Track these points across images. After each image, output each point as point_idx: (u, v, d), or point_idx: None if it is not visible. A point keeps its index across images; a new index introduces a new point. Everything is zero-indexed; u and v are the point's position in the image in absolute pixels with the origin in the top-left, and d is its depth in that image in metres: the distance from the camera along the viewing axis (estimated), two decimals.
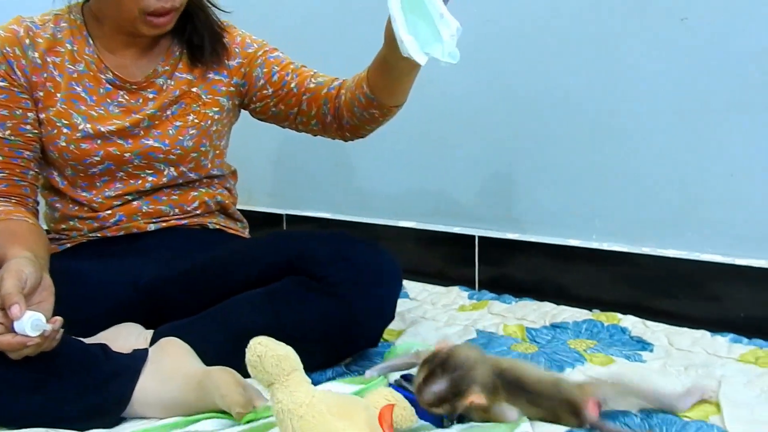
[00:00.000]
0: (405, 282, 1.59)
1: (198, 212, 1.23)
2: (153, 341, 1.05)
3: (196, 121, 1.19)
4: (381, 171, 1.75)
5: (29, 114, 1.09)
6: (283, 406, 0.72)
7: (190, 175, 1.21)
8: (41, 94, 1.10)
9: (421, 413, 0.85)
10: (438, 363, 0.82)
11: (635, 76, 1.33)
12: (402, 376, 0.97)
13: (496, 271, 1.55)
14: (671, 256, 1.31)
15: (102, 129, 1.12)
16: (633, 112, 1.34)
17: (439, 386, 0.81)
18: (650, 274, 1.33)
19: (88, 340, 1.00)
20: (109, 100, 1.14)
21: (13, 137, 1.08)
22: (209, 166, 1.24)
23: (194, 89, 1.19)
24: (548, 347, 1.15)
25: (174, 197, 1.21)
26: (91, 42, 1.14)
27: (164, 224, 1.19)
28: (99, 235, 1.17)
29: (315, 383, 0.77)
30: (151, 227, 1.19)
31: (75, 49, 1.13)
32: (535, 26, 1.44)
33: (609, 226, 1.39)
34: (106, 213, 1.16)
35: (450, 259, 1.62)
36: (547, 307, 1.37)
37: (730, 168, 1.24)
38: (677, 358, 1.09)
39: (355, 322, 1.03)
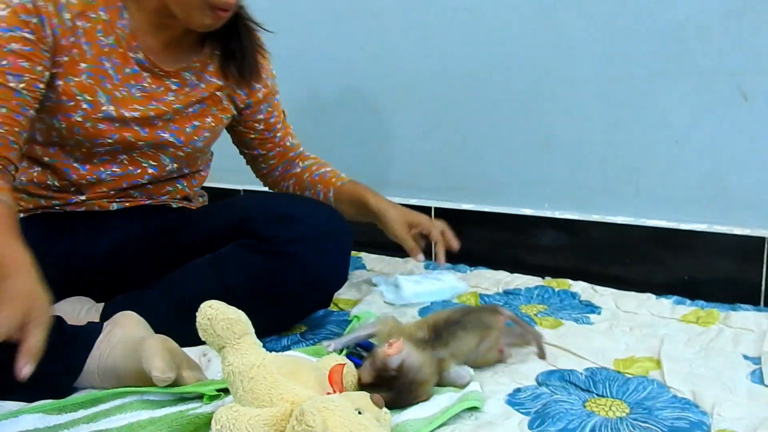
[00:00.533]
0: (363, 254, 1.60)
1: (164, 198, 1.22)
2: (104, 314, 1.05)
3: (213, 124, 1.17)
4: (334, 143, 1.75)
5: (46, 74, 1.00)
6: (234, 368, 0.73)
7: (184, 170, 1.21)
8: (65, 59, 1.01)
9: None
10: (387, 378, 0.80)
11: (574, 44, 1.36)
12: (358, 345, 0.98)
13: None
14: (619, 222, 1.35)
15: (126, 114, 1.07)
16: (572, 80, 1.38)
17: (384, 395, 0.76)
18: (599, 241, 1.37)
19: None
20: (133, 82, 1.08)
21: (25, 92, 0.97)
22: (200, 164, 1.25)
23: (218, 93, 1.17)
24: None
25: (149, 187, 1.18)
26: (125, 15, 1.05)
27: (127, 204, 1.17)
28: (58, 209, 1.13)
29: (270, 351, 0.78)
30: (114, 206, 1.16)
31: (108, 18, 1.04)
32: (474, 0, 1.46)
33: (559, 195, 1.43)
34: (80, 198, 1.12)
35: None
36: (501, 275, 1.40)
37: (674, 135, 1.28)
38: (623, 319, 1.12)
39: (304, 280, 1.03)
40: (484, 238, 1.53)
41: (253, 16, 1.17)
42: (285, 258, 1.02)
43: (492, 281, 1.35)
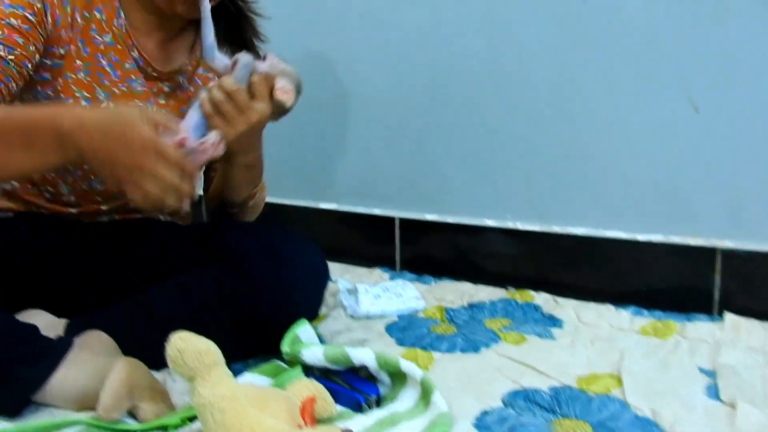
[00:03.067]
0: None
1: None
2: (68, 331, 1.03)
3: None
4: (297, 152, 1.75)
5: (37, 56, 0.98)
6: (204, 400, 0.73)
7: None
8: (62, 51, 1.01)
9: (342, 400, 0.87)
10: None
11: (523, 47, 1.38)
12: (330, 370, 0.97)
13: (416, 251, 1.58)
14: (579, 233, 1.38)
15: None
16: (525, 89, 1.40)
17: None
18: (559, 251, 1.40)
19: None
20: (133, 77, 1.09)
21: (13, 64, 0.94)
22: None
23: None
24: (466, 328, 1.19)
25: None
26: (121, 14, 1.06)
27: (117, 216, 1.16)
28: (44, 211, 1.11)
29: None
30: (104, 218, 1.15)
31: (104, 18, 1.05)
32: (427, 11, 1.47)
33: (518, 206, 1.45)
34: (71, 199, 1.10)
35: (371, 240, 1.65)
36: (465, 286, 1.42)
37: (629, 146, 1.31)
38: (584, 332, 1.15)
39: (273, 302, 1.02)
40: (447, 249, 1.54)
41: (256, 8, 1.18)
42: (254, 281, 1.02)
43: (456, 293, 1.37)
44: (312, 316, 1.11)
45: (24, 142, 0.84)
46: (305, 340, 1.03)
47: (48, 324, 1.05)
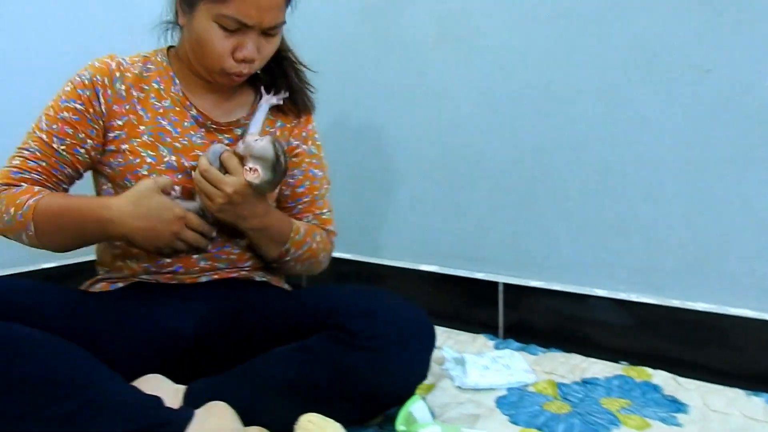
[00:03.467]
0: None
1: (248, 268, 1.25)
2: (187, 396, 1.05)
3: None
4: (399, 212, 1.75)
5: (89, 141, 1.15)
6: None
7: None
8: (120, 123, 1.15)
9: None
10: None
11: (646, 125, 1.35)
12: None
13: (520, 317, 1.54)
14: (700, 309, 1.31)
15: (186, 164, 1.15)
16: (649, 160, 1.35)
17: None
18: (679, 327, 1.32)
19: None
20: (192, 132, 1.18)
21: (65, 153, 1.13)
22: None
23: None
24: (581, 407, 1.14)
25: (232, 257, 1.22)
26: (176, 82, 1.19)
27: (216, 276, 1.21)
28: (151, 279, 1.19)
29: None
30: (203, 279, 1.20)
31: (162, 87, 1.19)
32: (546, 75, 1.45)
33: (635, 277, 1.39)
34: (166, 261, 1.18)
35: (472, 304, 1.62)
36: (576, 359, 1.36)
37: (757, 221, 1.24)
38: (714, 420, 1.08)
39: (388, 376, 1.02)
40: (552, 317, 1.49)
41: (300, 58, 1.26)
42: (369, 353, 1.01)
43: (567, 367, 1.32)
44: (421, 381, 1.09)
45: (76, 230, 1.08)
46: (419, 418, 1.01)
47: (166, 390, 1.06)
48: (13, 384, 0.87)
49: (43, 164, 1.12)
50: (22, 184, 1.11)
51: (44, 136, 1.13)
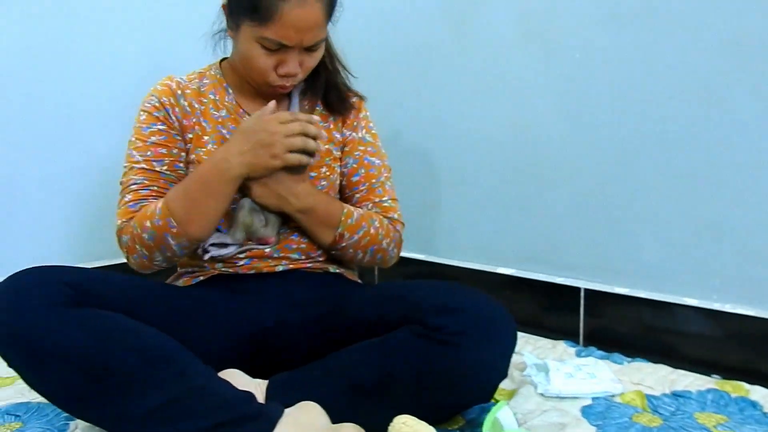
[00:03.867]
0: None
1: (321, 259, 1.26)
2: (268, 390, 1.06)
3: (327, 173, 1.26)
4: (476, 212, 1.72)
5: (182, 154, 1.21)
6: None
7: None
8: (190, 136, 1.22)
9: None
10: None
11: (740, 127, 1.28)
12: None
13: (601, 325, 1.49)
14: None
15: None
16: (744, 164, 1.29)
17: None
18: None
19: None
20: None
21: (168, 172, 1.19)
22: None
23: (327, 146, 1.26)
24: (674, 421, 1.09)
25: (303, 245, 1.24)
26: (230, 92, 1.26)
27: (291, 266, 1.23)
28: (231, 270, 1.22)
29: None
30: (280, 268, 1.23)
31: (217, 98, 1.25)
32: (633, 76, 1.40)
33: (729, 287, 1.32)
34: (240, 255, 1.21)
35: (551, 309, 1.57)
36: (664, 370, 1.30)
37: None
38: None
39: (470, 373, 1.00)
40: (636, 325, 1.44)
41: (343, 60, 1.29)
42: (452, 348, 0.99)
43: (655, 378, 1.26)
44: (502, 379, 1.07)
45: (207, 193, 1.10)
46: (506, 424, 0.98)
47: (246, 384, 1.07)
48: (116, 370, 0.89)
49: (154, 188, 1.17)
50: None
51: (144, 165, 1.17)
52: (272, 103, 1.13)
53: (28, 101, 1.64)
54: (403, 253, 1.35)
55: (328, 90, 1.27)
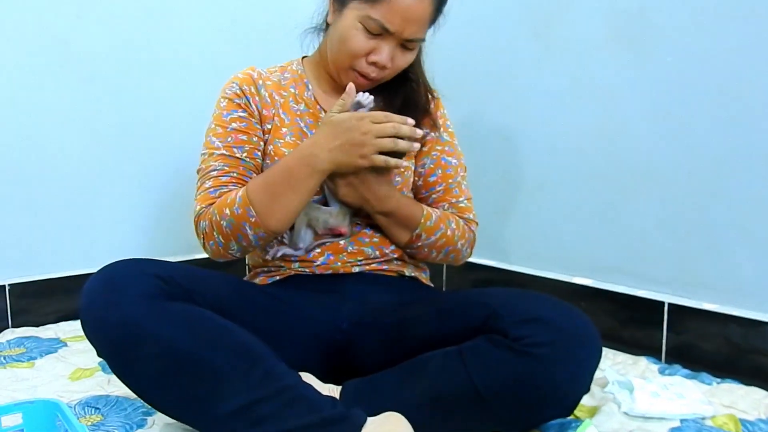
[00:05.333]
0: None
1: (395, 256, 1.24)
2: (342, 395, 1.04)
3: (403, 171, 1.24)
4: (554, 219, 1.67)
5: (261, 143, 1.21)
6: None
7: None
8: (269, 127, 1.22)
9: None
10: None
11: None
12: None
13: (685, 342, 1.42)
14: None
15: None
16: None
17: None
18: None
19: None
20: None
21: (248, 159, 1.18)
22: None
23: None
24: None
25: (375, 239, 1.23)
26: (309, 87, 1.26)
27: (366, 267, 1.22)
28: (308, 271, 1.21)
29: None
30: (355, 269, 1.21)
31: (297, 93, 1.26)
32: (733, 80, 1.32)
33: None
34: (316, 251, 1.21)
35: (631, 323, 1.51)
36: (758, 393, 1.23)
37: None
38: None
39: (552, 385, 0.96)
40: (724, 344, 1.36)
41: (423, 67, 1.26)
42: (534, 360, 0.95)
43: (749, 402, 1.19)
44: (584, 394, 1.02)
45: (289, 184, 1.08)
46: None
47: (320, 389, 1.06)
48: (206, 367, 0.89)
49: (234, 175, 1.16)
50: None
51: (225, 151, 1.17)
52: (351, 86, 1.11)
53: (115, 99, 1.68)
54: (471, 259, 1.33)
55: (406, 105, 1.24)
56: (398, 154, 1.09)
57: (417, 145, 1.10)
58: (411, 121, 1.07)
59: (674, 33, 1.41)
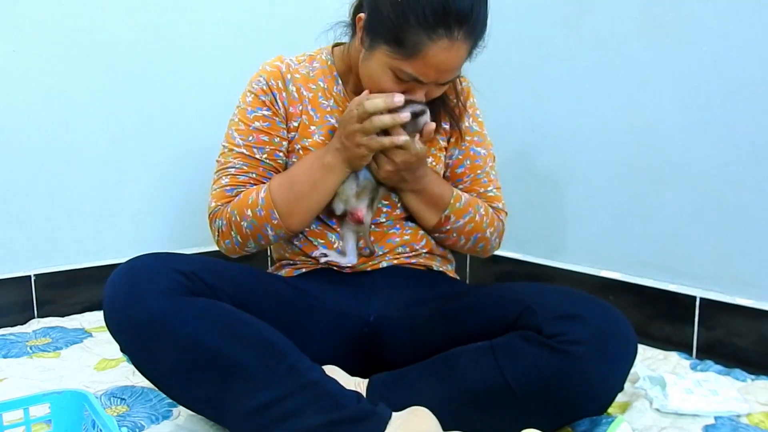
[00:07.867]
0: None
1: (425, 251, 1.22)
2: (369, 389, 1.03)
3: (433, 163, 1.22)
4: (582, 212, 1.64)
5: (284, 143, 1.18)
6: None
7: None
8: (296, 124, 1.18)
9: None
10: None
11: None
12: None
13: (717, 337, 1.39)
14: None
15: None
16: None
17: None
18: None
19: None
20: None
21: (268, 161, 1.16)
22: None
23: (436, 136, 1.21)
24: None
25: (406, 237, 1.21)
26: (339, 82, 1.21)
27: (395, 261, 1.20)
28: (334, 267, 1.19)
29: None
30: (384, 264, 1.19)
31: (326, 87, 1.21)
32: (766, 67, 1.29)
33: None
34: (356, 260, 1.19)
35: (661, 317, 1.48)
36: None
37: None
38: None
39: (586, 384, 0.95)
40: (758, 340, 1.33)
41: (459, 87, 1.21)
42: (569, 358, 0.93)
43: None
44: (618, 392, 1.01)
45: (311, 186, 1.09)
46: None
47: (346, 383, 1.04)
48: (231, 363, 0.88)
49: (253, 175, 1.15)
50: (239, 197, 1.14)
51: (245, 150, 1.15)
52: (365, 93, 1.07)
53: (139, 90, 1.68)
54: (500, 252, 1.30)
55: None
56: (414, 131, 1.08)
57: (405, 116, 1.04)
58: (394, 95, 1.03)
59: (710, 21, 1.37)
